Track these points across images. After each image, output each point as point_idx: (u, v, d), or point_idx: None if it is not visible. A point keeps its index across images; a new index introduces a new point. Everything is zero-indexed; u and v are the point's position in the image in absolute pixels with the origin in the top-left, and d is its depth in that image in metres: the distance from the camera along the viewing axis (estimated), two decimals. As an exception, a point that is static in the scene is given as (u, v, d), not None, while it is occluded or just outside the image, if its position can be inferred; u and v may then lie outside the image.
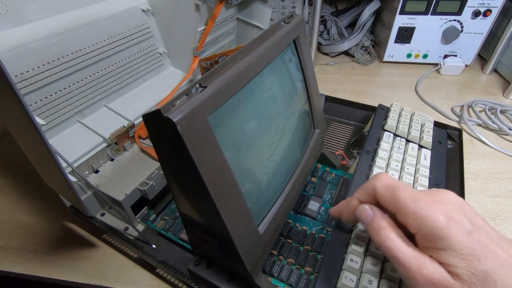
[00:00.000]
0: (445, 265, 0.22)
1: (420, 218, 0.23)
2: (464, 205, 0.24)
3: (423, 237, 0.23)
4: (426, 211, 0.23)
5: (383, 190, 0.26)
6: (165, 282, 0.36)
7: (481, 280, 0.21)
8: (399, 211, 0.24)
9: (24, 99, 0.24)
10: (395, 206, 0.25)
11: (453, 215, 0.22)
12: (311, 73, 0.38)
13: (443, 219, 0.22)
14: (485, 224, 0.23)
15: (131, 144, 0.44)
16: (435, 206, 0.23)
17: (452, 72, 0.74)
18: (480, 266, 0.21)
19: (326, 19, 0.85)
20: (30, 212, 0.44)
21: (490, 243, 0.22)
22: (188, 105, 0.21)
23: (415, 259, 0.23)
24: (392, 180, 0.26)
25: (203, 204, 0.24)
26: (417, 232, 0.24)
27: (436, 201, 0.23)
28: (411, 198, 0.24)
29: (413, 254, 0.23)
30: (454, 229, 0.22)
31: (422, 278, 0.22)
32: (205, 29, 0.50)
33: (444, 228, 0.22)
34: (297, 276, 0.34)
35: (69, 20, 0.39)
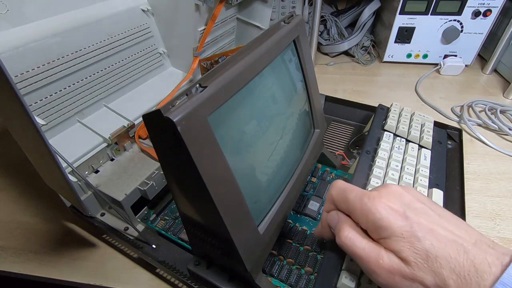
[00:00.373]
0: (394, 251, 0.24)
1: (365, 214, 0.25)
2: (403, 194, 0.26)
3: (372, 230, 0.25)
4: (368, 206, 0.25)
5: (336, 195, 0.29)
6: (165, 282, 0.36)
7: (424, 258, 0.23)
8: (350, 211, 0.27)
9: (24, 99, 0.23)
10: (347, 208, 0.27)
11: (391, 205, 0.25)
12: (311, 73, 0.38)
13: (382, 210, 0.24)
14: (424, 206, 0.25)
15: (131, 144, 0.44)
16: (375, 200, 0.25)
17: (452, 72, 0.74)
18: (420, 245, 0.23)
19: (326, 19, 0.85)
20: (30, 212, 0.44)
21: (428, 223, 0.24)
22: (188, 105, 0.21)
23: (372, 252, 0.25)
24: (343, 184, 0.28)
25: (203, 204, 0.24)
26: (366, 227, 0.26)
27: (377, 196, 0.25)
28: (357, 197, 0.26)
29: (370, 248, 0.25)
30: (392, 217, 0.24)
31: (380, 269, 0.24)
32: (205, 29, 0.50)
33: (384, 218, 0.24)
34: (297, 276, 0.34)
35: (69, 20, 0.39)
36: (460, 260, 0.22)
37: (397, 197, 0.25)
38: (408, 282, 0.23)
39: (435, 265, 0.22)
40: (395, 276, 0.23)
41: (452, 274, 0.22)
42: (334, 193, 0.29)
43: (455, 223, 0.25)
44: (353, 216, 0.27)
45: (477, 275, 0.21)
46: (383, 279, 0.24)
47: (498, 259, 0.21)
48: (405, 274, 0.23)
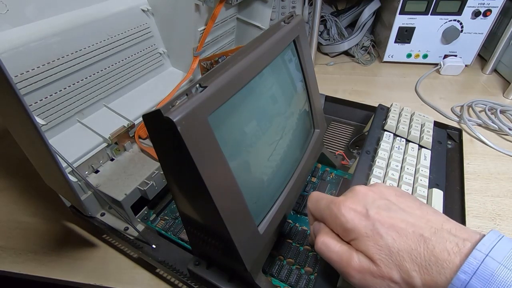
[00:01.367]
0: (363, 252, 0.25)
1: (334, 219, 0.27)
2: (366, 194, 0.27)
3: (342, 234, 0.26)
4: (335, 211, 0.26)
5: (311, 206, 0.30)
6: (165, 282, 0.36)
7: (388, 254, 0.23)
8: (323, 219, 0.28)
9: (24, 99, 0.23)
10: (320, 216, 0.29)
11: (354, 207, 0.26)
12: (311, 73, 0.38)
13: (346, 214, 0.26)
14: (387, 202, 0.26)
15: (131, 144, 0.44)
16: (340, 205, 0.26)
17: (452, 72, 0.74)
18: (383, 241, 0.24)
19: (326, 19, 0.85)
20: (30, 212, 0.44)
21: (389, 218, 0.24)
22: (188, 105, 0.21)
23: (344, 254, 0.26)
24: (316, 195, 0.30)
25: (203, 204, 0.24)
26: (338, 232, 0.27)
27: (342, 200, 0.27)
28: (326, 205, 0.28)
29: (342, 250, 0.26)
30: (356, 219, 0.25)
31: (352, 270, 0.25)
32: (205, 29, 0.50)
33: (349, 220, 0.25)
34: (297, 276, 0.34)
35: (69, 20, 0.39)
36: (420, 250, 0.22)
37: (360, 198, 0.26)
38: (378, 280, 0.24)
39: (398, 259, 0.23)
40: (366, 275, 0.24)
41: (414, 265, 0.22)
42: (310, 205, 0.30)
43: (419, 213, 0.25)
44: (326, 223, 0.28)
45: (437, 264, 0.21)
46: (357, 280, 0.25)
47: (458, 246, 0.21)
48: (374, 272, 0.24)
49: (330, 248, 0.26)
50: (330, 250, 0.26)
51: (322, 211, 0.28)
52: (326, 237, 0.27)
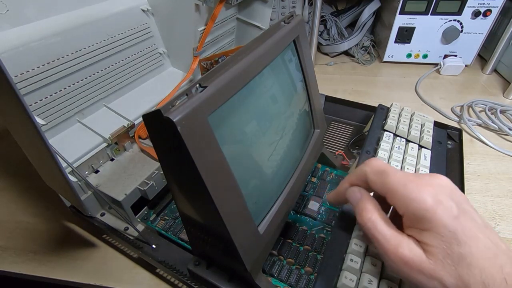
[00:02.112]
0: (423, 244, 0.23)
1: (408, 200, 0.24)
2: (454, 190, 0.24)
3: (409, 218, 0.24)
4: (414, 193, 0.23)
5: (373, 175, 0.26)
6: (165, 282, 0.36)
7: (455, 261, 0.21)
8: (388, 194, 0.25)
9: (24, 99, 0.23)
10: (384, 190, 0.25)
11: (441, 198, 0.23)
12: (311, 73, 0.38)
13: (430, 202, 0.23)
14: (473, 211, 0.24)
15: (131, 144, 0.44)
16: (423, 188, 0.23)
17: (452, 72, 0.74)
18: (459, 249, 0.22)
19: (326, 19, 0.85)
20: (30, 212, 0.44)
21: (474, 228, 0.22)
22: (188, 105, 0.21)
23: (392, 239, 0.24)
24: (382, 165, 0.26)
25: (203, 204, 0.24)
26: (404, 213, 0.24)
27: (425, 184, 0.24)
28: (401, 181, 0.24)
29: (391, 235, 0.24)
30: (440, 212, 0.22)
31: (396, 257, 0.23)
32: (205, 29, 0.50)
33: (430, 210, 0.22)
34: (297, 276, 0.34)
35: (69, 20, 0.39)
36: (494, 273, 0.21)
37: (447, 191, 0.24)
38: (424, 277, 0.22)
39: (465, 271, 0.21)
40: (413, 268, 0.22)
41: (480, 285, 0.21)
42: (370, 174, 0.26)
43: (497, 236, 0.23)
44: (389, 199, 0.25)
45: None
46: (398, 268, 0.23)
47: None
48: (425, 268, 0.22)
49: (377, 228, 0.24)
50: (376, 229, 0.24)
51: (391, 186, 0.25)
52: (375, 214, 0.25)
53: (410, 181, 0.24)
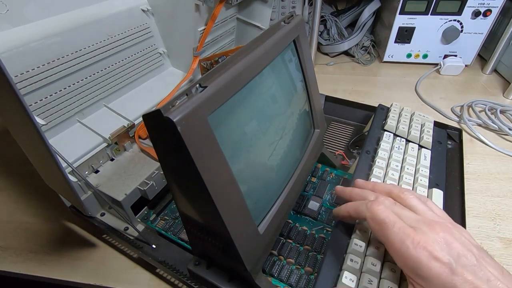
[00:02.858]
0: None
1: (404, 258, 0.24)
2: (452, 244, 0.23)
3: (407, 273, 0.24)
4: (410, 251, 0.23)
5: (372, 223, 0.27)
6: (165, 282, 0.36)
7: None
8: (387, 246, 0.26)
9: (24, 99, 0.23)
10: (382, 241, 0.26)
11: (438, 255, 0.23)
12: (311, 73, 0.38)
13: (425, 260, 0.23)
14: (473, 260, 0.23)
15: (131, 144, 0.44)
16: (419, 246, 0.23)
17: (452, 72, 0.74)
18: None
19: (326, 19, 0.85)
20: (30, 212, 0.44)
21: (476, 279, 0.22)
22: (188, 105, 0.21)
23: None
24: (383, 214, 0.26)
25: (203, 204, 0.24)
26: (402, 267, 0.25)
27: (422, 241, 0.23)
28: (398, 237, 0.24)
29: None
30: (436, 269, 0.22)
31: None
32: (205, 29, 0.50)
33: (425, 269, 0.23)
34: (297, 276, 0.34)
35: (69, 20, 0.39)
36: None
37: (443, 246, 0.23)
38: None
39: None
40: None
41: None
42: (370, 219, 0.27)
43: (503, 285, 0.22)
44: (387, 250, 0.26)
45: None
46: None
47: None
48: None
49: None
50: None
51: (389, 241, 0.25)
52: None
53: (407, 237, 0.24)
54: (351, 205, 0.30)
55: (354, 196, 0.31)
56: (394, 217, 0.26)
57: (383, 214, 0.26)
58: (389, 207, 0.27)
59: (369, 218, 0.27)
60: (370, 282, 0.28)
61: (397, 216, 0.26)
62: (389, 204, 0.27)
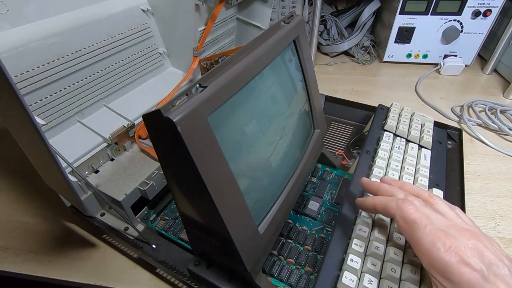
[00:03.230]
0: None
1: (434, 260, 0.23)
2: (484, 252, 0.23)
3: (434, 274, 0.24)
4: (440, 254, 0.23)
5: (402, 222, 0.26)
6: (165, 282, 0.36)
7: None
8: (415, 246, 0.25)
9: (24, 99, 0.23)
10: (411, 241, 0.25)
11: (468, 260, 0.22)
12: (311, 73, 0.38)
13: (456, 265, 0.22)
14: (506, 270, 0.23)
15: (131, 144, 0.44)
16: (451, 250, 0.23)
17: (452, 72, 0.74)
18: None
19: (326, 19, 0.85)
20: (30, 212, 0.44)
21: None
22: (188, 105, 0.21)
23: None
24: (414, 214, 0.26)
25: (203, 204, 0.24)
26: (428, 269, 0.24)
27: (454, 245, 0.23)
28: (428, 239, 0.24)
29: None
30: (467, 274, 0.22)
31: None
32: (205, 29, 0.50)
33: (456, 273, 0.22)
34: (297, 276, 0.34)
35: (69, 20, 0.39)
36: None
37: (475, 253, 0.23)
38: None
39: None
40: None
41: None
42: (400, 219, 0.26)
43: None
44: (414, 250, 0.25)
45: None
46: None
47: None
48: None
49: None
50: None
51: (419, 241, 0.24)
52: None
53: (438, 239, 0.24)
54: (380, 200, 0.29)
55: (382, 191, 0.31)
56: (426, 219, 0.25)
57: (414, 214, 0.25)
58: (420, 208, 0.26)
59: (399, 217, 0.26)
60: (370, 282, 0.28)
61: (427, 218, 0.26)
62: (419, 205, 0.27)
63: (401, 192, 0.29)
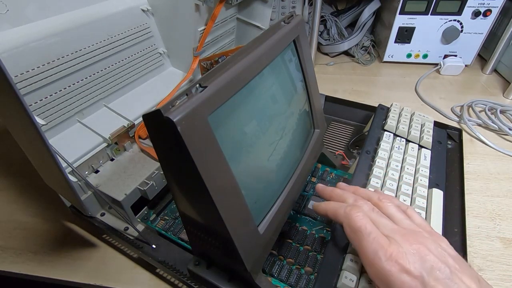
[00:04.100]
0: None
1: (376, 270, 0.24)
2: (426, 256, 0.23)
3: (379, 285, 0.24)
4: (382, 263, 0.23)
5: (349, 230, 0.27)
6: (165, 282, 0.36)
7: None
8: (361, 256, 0.26)
9: (24, 99, 0.23)
10: (358, 250, 0.26)
11: (410, 268, 0.22)
12: (311, 73, 0.38)
13: (396, 274, 0.22)
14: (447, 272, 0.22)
15: (131, 144, 0.44)
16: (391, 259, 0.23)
17: (452, 72, 0.74)
18: None
19: (326, 19, 0.85)
20: (30, 212, 0.44)
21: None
22: (188, 105, 0.21)
23: None
24: (359, 222, 0.26)
25: (203, 204, 0.24)
26: (373, 279, 0.25)
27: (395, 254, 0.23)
28: (372, 247, 0.24)
29: None
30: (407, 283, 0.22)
31: None
32: (205, 29, 0.50)
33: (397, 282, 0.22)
34: (297, 276, 0.34)
35: (69, 20, 0.39)
36: None
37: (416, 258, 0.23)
38: None
39: None
40: None
41: None
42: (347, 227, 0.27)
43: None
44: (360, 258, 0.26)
45: None
46: None
47: None
48: None
49: None
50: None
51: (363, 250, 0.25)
52: None
53: (381, 248, 0.24)
54: (331, 206, 0.30)
55: (334, 197, 0.32)
56: (371, 226, 0.25)
57: (360, 222, 0.26)
58: (367, 214, 0.27)
59: (346, 225, 0.27)
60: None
61: (374, 223, 0.26)
62: (367, 210, 0.27)
63: (351, 197, 0.30)
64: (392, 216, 0.27)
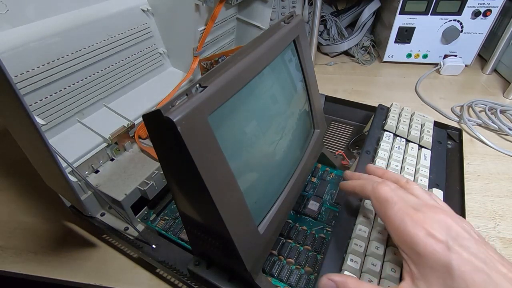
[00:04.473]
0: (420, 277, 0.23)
1: (402, 234, 0.24)
2: (452, 226, 0.24)
3: (403, 248, 0.24)
4: (408, 227, 0.24)
5: (376, 202, 0.27)
6: (165, 282, 0.36)
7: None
8: (387, 224, 0.26)
9: (24, 99, 0.23)
10: (383, 219, 0.27)
11: (434, 232, 0.23)
12: (311, 73, 0.38)
13: (421, 236, 0.23)
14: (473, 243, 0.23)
15: (131, 144, 0.44)
16: (418, 224, 0.24)
17: (452, 72, 0.74)
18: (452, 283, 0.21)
19: (326, 19, 0.85)
20: (30, 212, 0.44)
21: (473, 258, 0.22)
22: (188, 105, 0.21)
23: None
24: (386, 194, 0.27)
25: (203, 204, 0.24)
26: (398, 245, 0.25)
27: (421, 220, 0.24)
28: (398, 215, 0.25)
29: None
30: (431, 246, 0.22)
31: None
32: (205, 29, 0.50)
33: (421, 244, 0.23)
34: (297, 276, 0.34)
35: (69, 20, 0.39)
36: None
37: (443, 227, 0.23)
38: None
39: None
40: None
41: None
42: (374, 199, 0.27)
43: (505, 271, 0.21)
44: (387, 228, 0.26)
45: None
46: None
47: None
48: None
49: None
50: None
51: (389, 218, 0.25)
52: None
53: (407, 215, 0.24)
54: (358, 183, 0.30)
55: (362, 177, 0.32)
56: (398, 197, 0.26)
57: (387, 194, 0.27)
58: (394, 190, 0.27)
59: (373, 198, 0.27)
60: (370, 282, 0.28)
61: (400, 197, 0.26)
62: (394, 187, 0.28)
63: (379, 178, 0.31)
64: (418, 195, 0.28)
